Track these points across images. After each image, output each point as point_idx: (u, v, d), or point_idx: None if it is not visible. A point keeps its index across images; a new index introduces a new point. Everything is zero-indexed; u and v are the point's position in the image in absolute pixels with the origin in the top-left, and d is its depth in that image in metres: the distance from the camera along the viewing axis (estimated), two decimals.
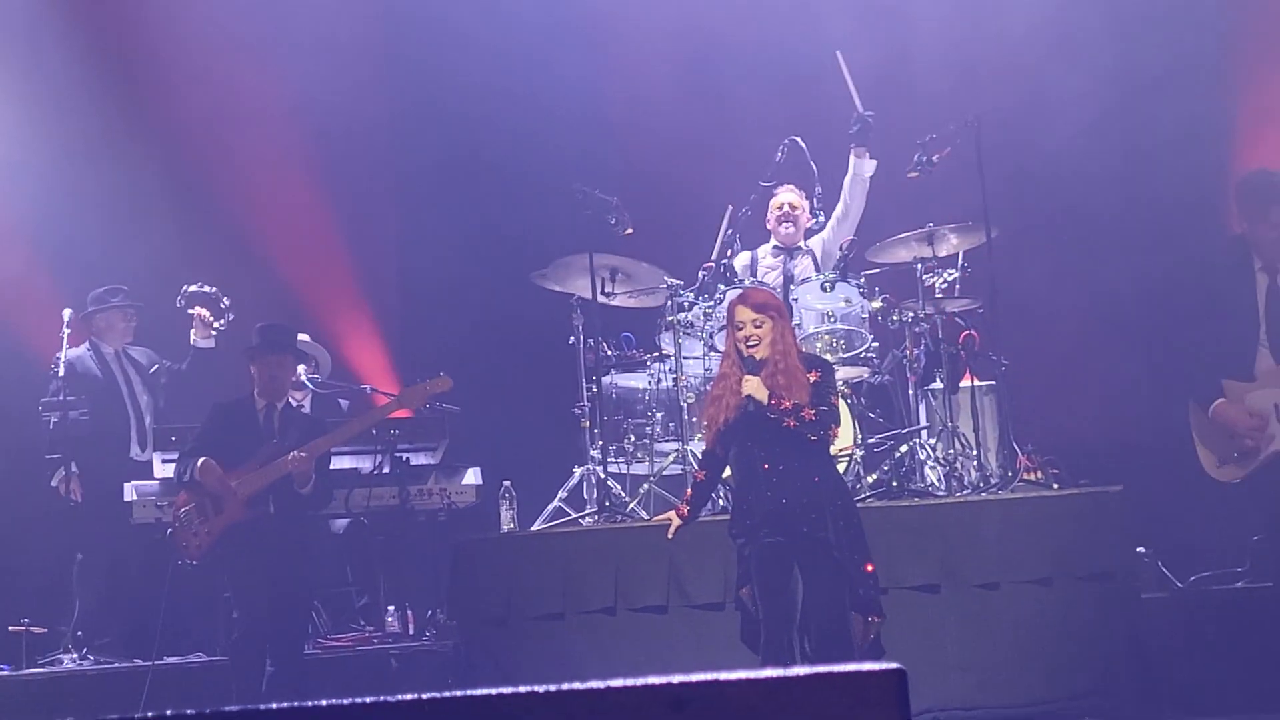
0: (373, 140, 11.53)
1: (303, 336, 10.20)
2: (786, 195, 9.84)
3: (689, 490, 7.72)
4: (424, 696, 2.37)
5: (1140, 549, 8.65)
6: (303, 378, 10.08)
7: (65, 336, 9.59)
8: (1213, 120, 10.48)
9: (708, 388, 7.96)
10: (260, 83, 11.15)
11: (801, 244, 9.90)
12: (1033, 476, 8.92)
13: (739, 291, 8.04)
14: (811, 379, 7.32)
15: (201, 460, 8.32)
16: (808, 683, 2.19)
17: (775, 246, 9.94)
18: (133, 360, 10.00)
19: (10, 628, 9.33)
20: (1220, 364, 7.49)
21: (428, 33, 11.18)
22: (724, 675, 2.25)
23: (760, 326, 7.30)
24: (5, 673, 9.08)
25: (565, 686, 2.28)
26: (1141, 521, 8.59)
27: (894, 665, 2.25)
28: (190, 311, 9.81)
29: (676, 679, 2.26)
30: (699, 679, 2.25)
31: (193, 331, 9.82)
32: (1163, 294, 9.67)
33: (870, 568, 7.22)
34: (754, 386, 7.27)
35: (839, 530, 7.20)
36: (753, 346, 7.29)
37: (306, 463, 8.27)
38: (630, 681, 2.30)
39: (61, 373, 9.54)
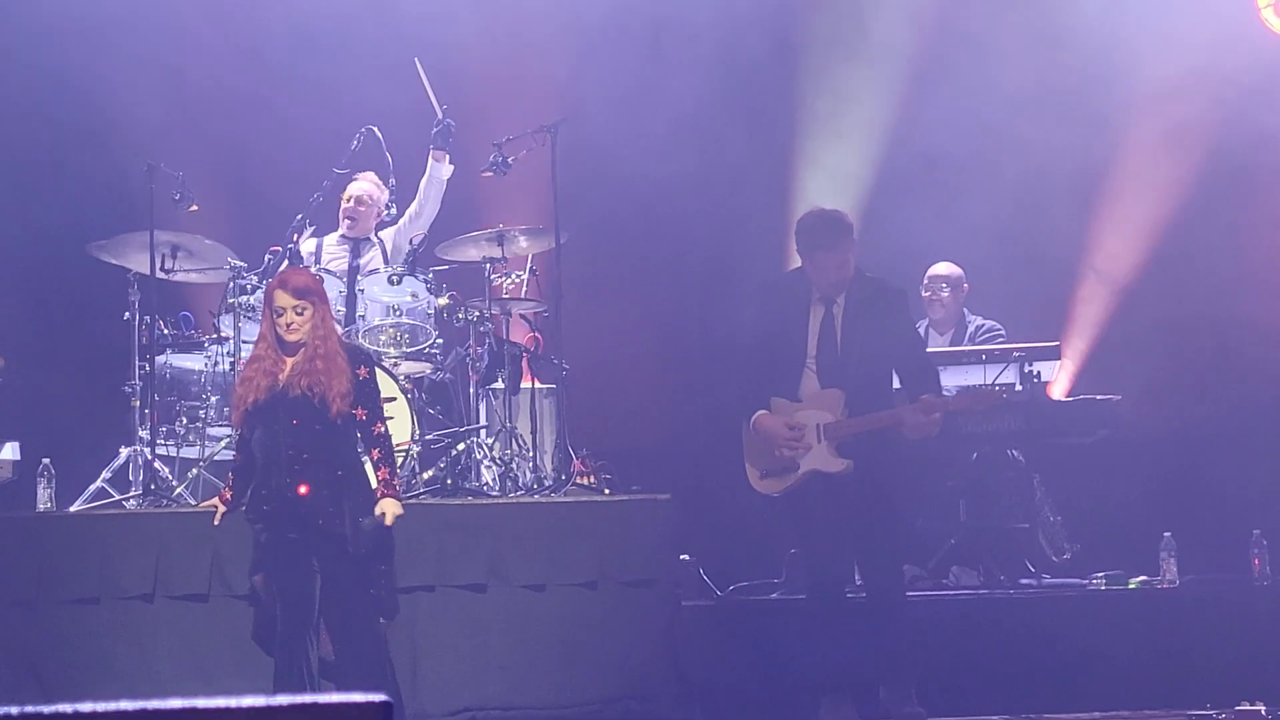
0: None
1: None
2: (359, 186, 9.75)
3: (230, 475, 7.64)
4: None
5: (684, 556, 8.86)
6: None
7: None
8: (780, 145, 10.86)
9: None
10: None
11: (371, 236, 9.82)
12: (586, 481, 9.05)
13: (278, 275, 7.86)
14: (360, 375, 7.28)
15: None
16: (290, 714, 2.14)
17: (342, 236, 9.83)
18: None
19: None
20: (770, 383, 7.73)
21: None
22: (203, 702, 2.17)
23: (301, 313, 7.22)
24: None
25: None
26: (687, 530, 8.80)
27: (381, 698, 2.20)
28: None
29: (153, 706, 2.17)
30: (176, 707, 2.17)
31: None
32: (722, 311, 9.96)
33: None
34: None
35: (356, 527, 7.17)
36: (292, 330, 7.22)
37: None
38: (104, 707, 2.19)
39: None
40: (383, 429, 7.43)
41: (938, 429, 7.53)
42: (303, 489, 7.16)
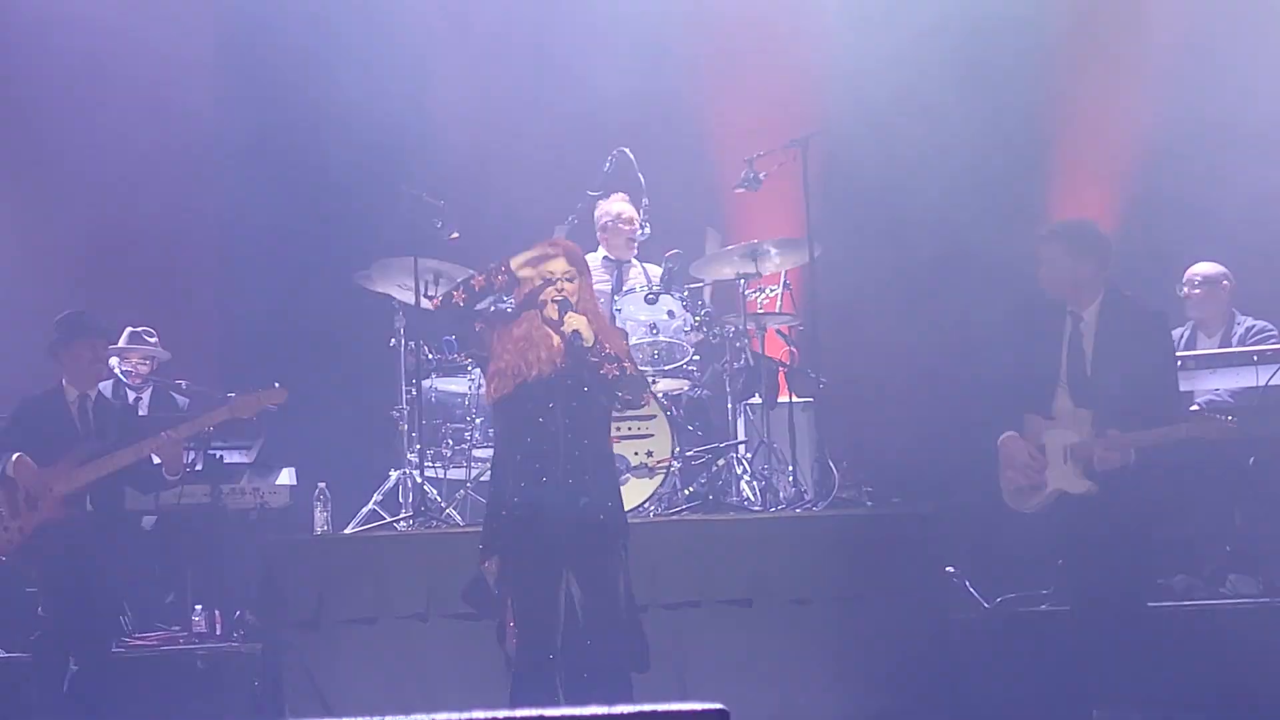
0: (197, 132, 11.31)
1: (151, 338, 10.10)
2: (615, 207, 9.85)
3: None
4: None
5: (950, 569, 8.78)
6: (119, 372, 9.97)
7: None
8: (1035, 161, 10.72)
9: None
10: (78, 72, 10.93)
11: (630, 258, 9.92)
12: (846, 494, 9.02)
13: (537, 246, 7.13)
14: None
15: (15, 456, 8.11)
16: None
17: (605, 258, 9.94)
18: None
19: None
20: (1024, 400, 7.67)
21: (259, 36, 11.03)
22: (552, 712, 2.21)
23: (572, 281, 6.93)
24: None
25: None
26: (951, 542, 8.71)
27: (718, 706, 2.23)
28: None
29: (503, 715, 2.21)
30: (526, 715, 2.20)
31: None
32: (979, 322, 9.83)
33: None
34: (580, 323, 6.84)
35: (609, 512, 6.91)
36: (556, 304, 6.88)
37: (177, 447, 8.15)
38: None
39: None
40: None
41: (1130, 460, 7.40)
42: (573, 477, 6.79)
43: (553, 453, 6.78)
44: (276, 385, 8.46)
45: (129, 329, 10.20)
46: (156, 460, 8.36)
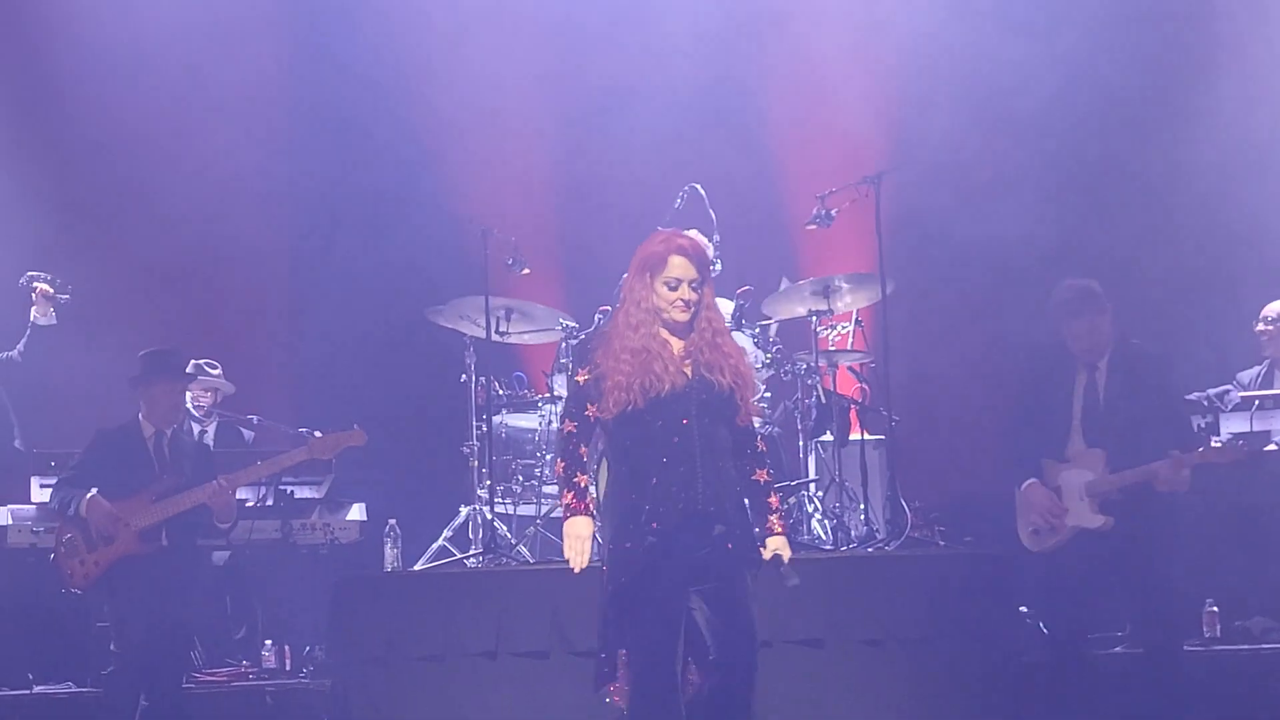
0: (274, 168, 11.40)
1: (214, 369, 10.15)
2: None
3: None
4: None
5: (1023, 609, 8.69)
6: (193, 405, 10.01)
7: None
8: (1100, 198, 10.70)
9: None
10: (161, 109, 11.05)
11: None
12: (919, 534, 8.95)
13: (662, 239, 6.22)
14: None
15: (89, 497, 8.15)
16: None
17: None
18: None
19: None
20: (1040, 445, 7.91)
21: (325, 66, 11.13)
22: None
23: (696, 289, 6.06)
24: None
25: None
26: (1023, 582, 8.62)
27: None
28: (34, 286, 9.58)
29: None
30: None
31: (34, 310, 9.59)
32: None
33: None
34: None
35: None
36: (687, 308, 6.06)
37: (229, 495, 8.19)
38: None
39: None
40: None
41: (1186, 485, 7.66)
42: (713, 504, 5.98)
43: (689, 476, 5.97)
44: (355, 427, 8.48)
45: (191, 361, 10.22)
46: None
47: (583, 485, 6.03)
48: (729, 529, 5.98)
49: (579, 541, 6.04)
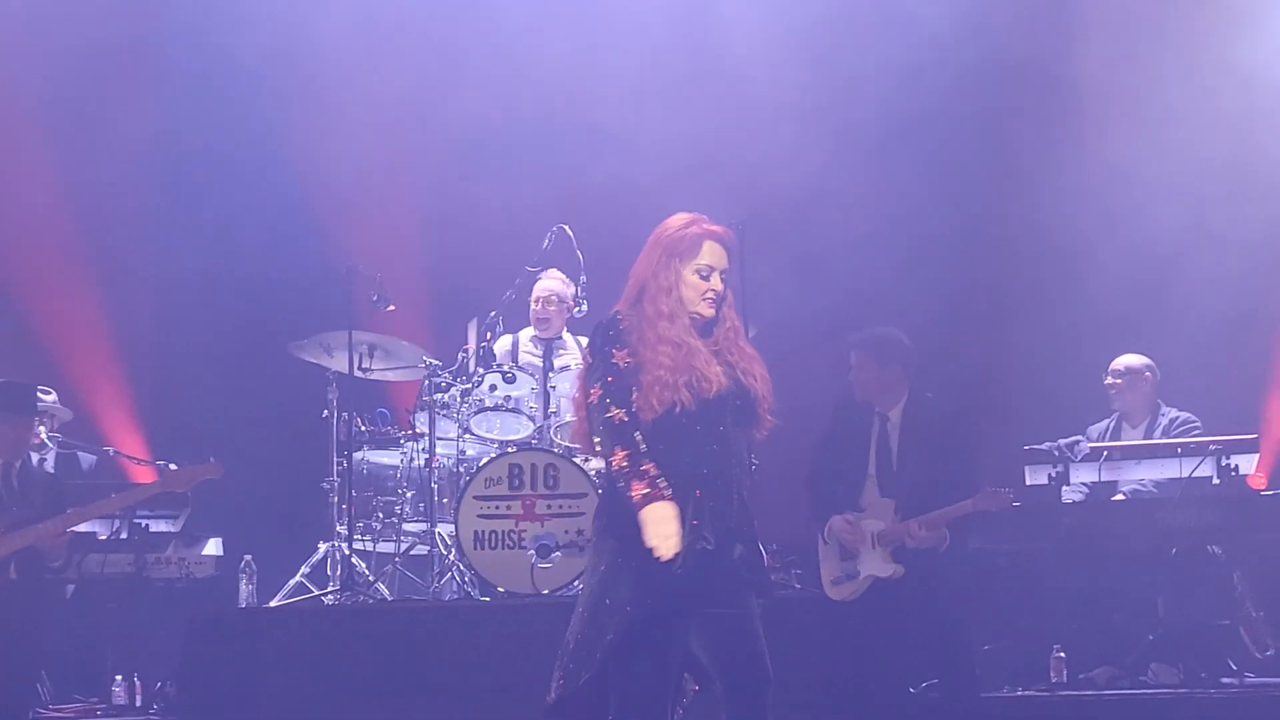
0: (135, 197, 11.28)
1: (47, 395, 9.95)
2: (547, 286, 9.86)
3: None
4: None
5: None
6: (44, 437, 9.82)
7: None
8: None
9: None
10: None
11: (563, 335, 9.92)
12: (776, 577, 9.01)
13: (688, 219, 5.56)
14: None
15: None
16: None
17: (534, 336, 9.95)
18: None
19: None
20: (838, 496, 8.23)
21: (189, 92, 11.05)
22: None
23: (725, 281, 5.49)
24: None
25: None
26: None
27: None
28: None
29: None
30: None
31: None
32: None
33: None
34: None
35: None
36: (712, 305, 5.47)
37: (61, 539, 8.07)
38: None
39: None
40: None
41: (944, 543, 7.97)
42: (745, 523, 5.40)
43: (725, 490, 5.35)
44: (212, 460, 8.41)
45: None
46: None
47: (654, 473, 5.21)
48: (748, 550, 5.39)
49: (667, 525, 5.18)
